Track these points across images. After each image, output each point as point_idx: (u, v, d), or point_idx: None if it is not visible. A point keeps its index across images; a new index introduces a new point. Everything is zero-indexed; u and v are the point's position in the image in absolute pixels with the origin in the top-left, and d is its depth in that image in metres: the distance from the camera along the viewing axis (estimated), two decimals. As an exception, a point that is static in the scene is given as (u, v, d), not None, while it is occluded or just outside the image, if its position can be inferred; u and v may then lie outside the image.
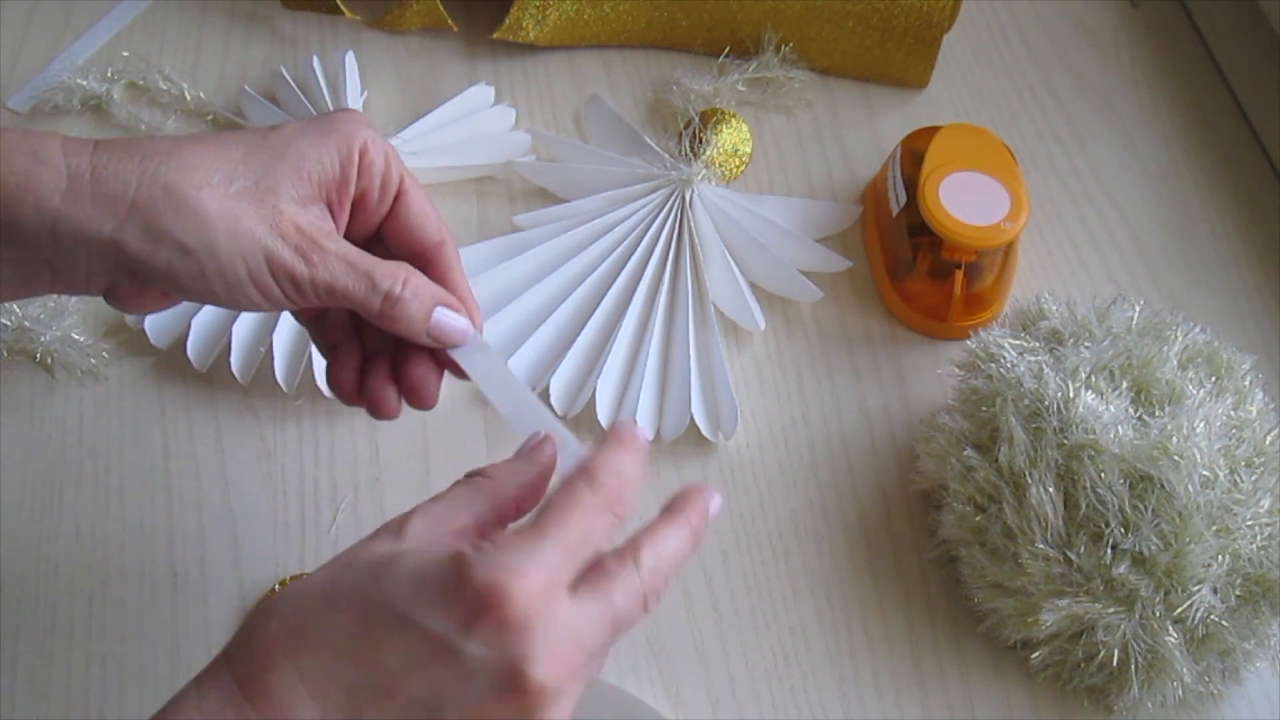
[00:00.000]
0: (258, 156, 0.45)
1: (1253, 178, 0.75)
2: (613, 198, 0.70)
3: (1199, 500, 0.52)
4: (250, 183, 0.45)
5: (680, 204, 0.70)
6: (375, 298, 0.46)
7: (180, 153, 0.44)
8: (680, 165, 0.71)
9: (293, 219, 0.45)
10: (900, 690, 0.57)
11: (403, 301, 0.46)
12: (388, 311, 0.46)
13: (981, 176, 0.66)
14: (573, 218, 0.70)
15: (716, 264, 0.68)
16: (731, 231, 0.69)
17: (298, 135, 0.46)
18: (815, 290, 0.67)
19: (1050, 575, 0.53)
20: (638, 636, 0.58)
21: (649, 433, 0.64)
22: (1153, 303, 0.68)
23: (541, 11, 0.76)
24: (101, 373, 0.65)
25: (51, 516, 0.60)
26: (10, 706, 0.55)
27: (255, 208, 0.44)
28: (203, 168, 0.44)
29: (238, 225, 0.44)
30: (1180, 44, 0.82)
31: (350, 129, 0.47)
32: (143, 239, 0.43)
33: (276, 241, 0.45)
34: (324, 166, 0.46)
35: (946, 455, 0.58)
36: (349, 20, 0.79)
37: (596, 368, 0.65)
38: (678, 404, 0.64)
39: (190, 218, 0.43)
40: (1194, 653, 0.53)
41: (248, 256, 0.44)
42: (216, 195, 0.44)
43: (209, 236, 0.44)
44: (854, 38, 0.76)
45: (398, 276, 0.46)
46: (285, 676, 0.38)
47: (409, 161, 0.70)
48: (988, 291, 0.68)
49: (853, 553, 0.61)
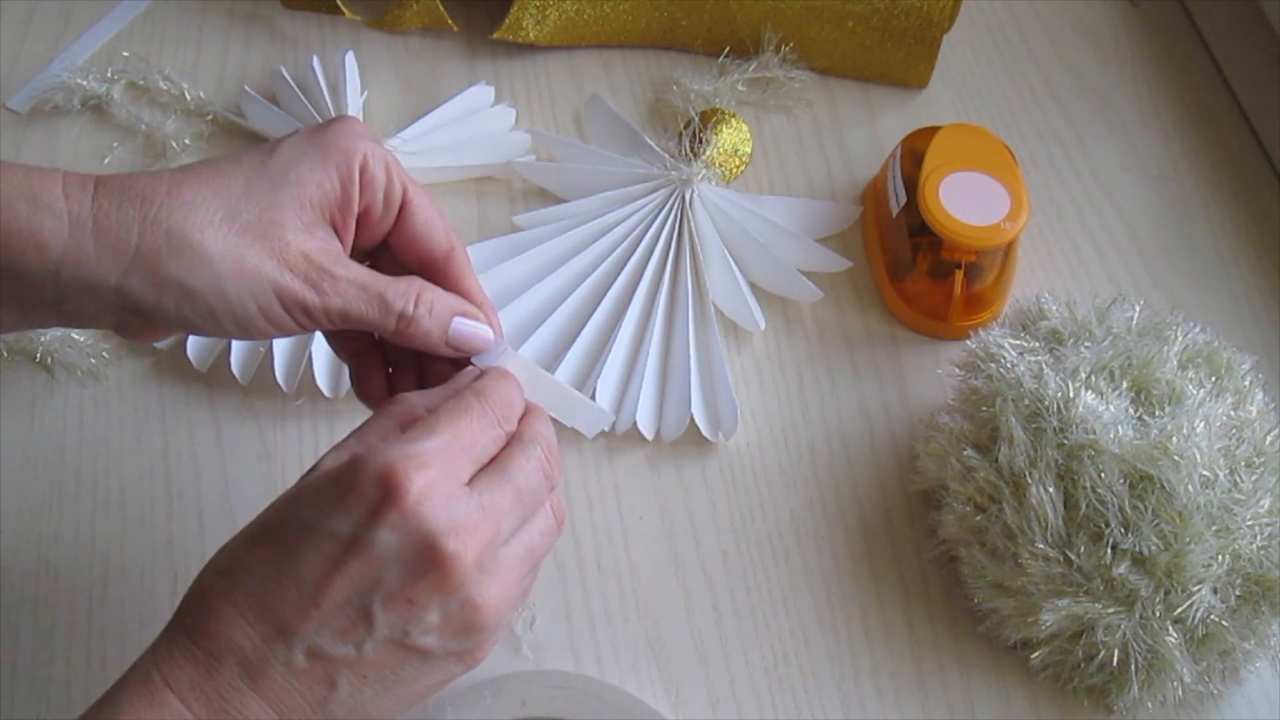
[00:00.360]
0: (258, 186, 0.45)
1: (1253, 178, 0.75)
2: (613, 198, 0.70)
3: (1199, 500, 0.52)
4: (253, 217, 0.44)
5: (680, 204, 0.70)
6: (390, 318, 0.46)
7: (180, 192, 0.44)
8: (680, 165, 0.71)
9: (299, 248, 0.45)
10: (900, 690, 0.57)
11: (418, 319, 0.47)
12: (404, 330, 0.47)
13: (981, 176, 0.66)
14: (573, 218, 0.70)
15: (716, 264, 0.68)
16: (731, 231, 0.69)
17: (297, 158, 0.46)
18: (815, 290, 0.67)
19: (1050, 575, 0.53)
20: (638, 636, 0.58)
21: (649, 433, 0.64)
22: (1153, 303, 0.68)
23: (541, 11, 0.76)
24: (101, 373, 0.65)
25: (51, 516, 0.60)
26: (10, 706, 0.55)
27: (261, 243, 0.44)
28: (204, 207, 0.44)
29: (244, 264, 0.44)
30: (1180, 44, 0.82)
31: (349, 144, 0.47)
32: (148, 286, 0.44)
33: (285, 275, 0.45)
34: (325, 189, 0.46)
35: (946, 455, 0.58)
36: (349, 20, 0.79)
37: (597, 368, 0.65)
38: (678, 404, 0.64)
39: (196, 262, 0.43)
40: (1194, 653, 0.53)
41: (257, 294, 0.44)
42: (220, 235, 0.44)
43: (216, 280, 0.44)
44: (854, 38, 0.76)
45: (410, 295, 0.46)
46: (223, 614, 0.41)
47: (408, 162, 0.70)
48: (988, 291, 0.68)
49: (853, 553, 0.61)
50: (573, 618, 0.59)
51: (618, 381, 0.65)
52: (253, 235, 0.44)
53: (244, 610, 0.41)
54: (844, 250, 0.71)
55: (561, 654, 0.58)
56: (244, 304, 0.44)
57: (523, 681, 0.54)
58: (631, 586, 0.60)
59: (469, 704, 0.53)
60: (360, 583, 0.40)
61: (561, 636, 0.58)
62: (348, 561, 0.40)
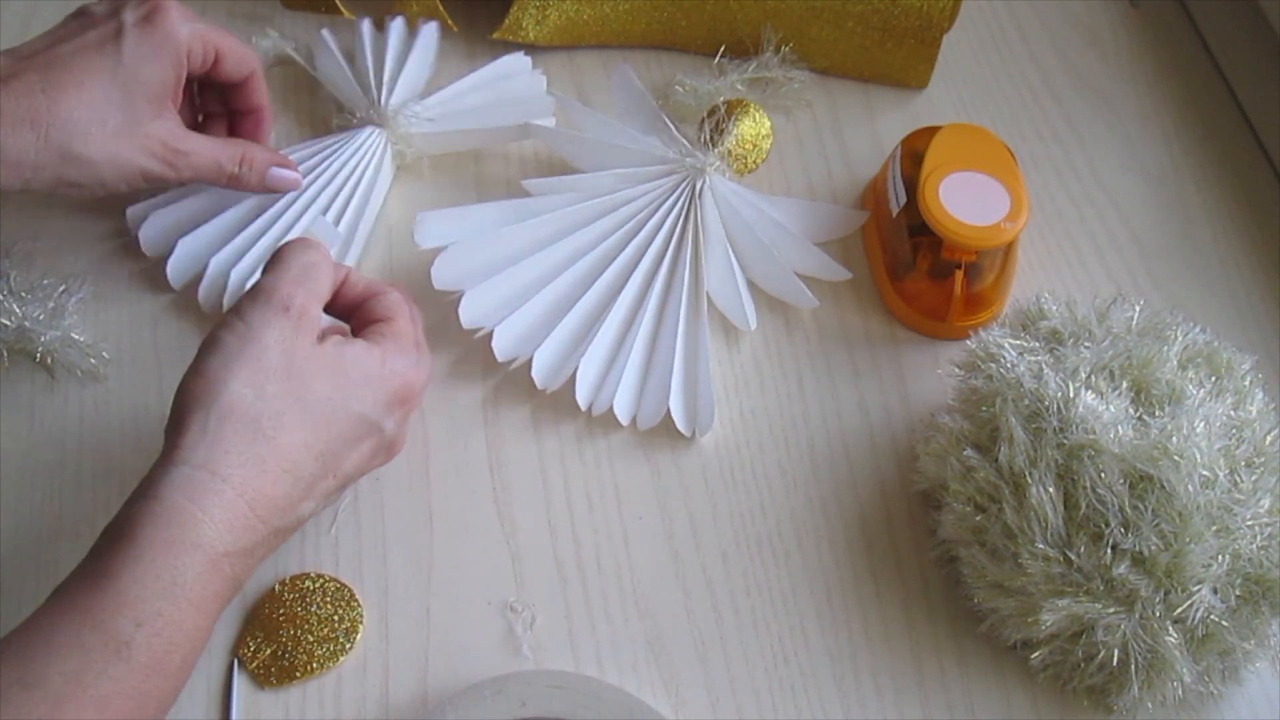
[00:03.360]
0: (115, 93, 0.60)
1: (1253, 178, 0.76)
2: (625, 176, 0.70)
3: (1199, 500, 0.52)
4: (118, 121, 0.60)
5: (690, 192, 0.69)
6: (223, 177, 0.64)
7: (58, 110, 0.58)
8: (696, 153, 0.70)
9: (156, 136, 0.61)
10: (900, 690, 0.57)
11: (243, 177, 0.65)
12: (234, 184, 0.65)
13: (981, 176, 0.66)
14: (582, 190, 0.69)
15: (717, 258, 0.68)
16: (737, 227, 0.69)
17: (140, 61, 0.60)
18: (812, 298, 0.67)
19: (1050, 575, 0.53)
20: (638, 636, 0.58)
21: (624, 418, 0.64)
22: (1153, 303, 0.68)
23: (541, 12, 0.76)
24: (101, 373, 0.65)
25: (51, 516, 0.60)
26: (10, 706, 0.55)
27: (127, 141, 0.60)
28: (80, 120, 0.59)
29: (118, 159, 0.60)
30: (1180, 44, 0.82)
31: (176, 38, 0.61)
32: (49, 183, 0.59)
33: (150, 160, 0.61)
34: (166, 82, 0.61)
35: (946, 455, 0.58)
36: (348, 20, 0.79)
37: (581, 346, 0.64)
38: (657, 393, 0.64)
39: (82, 165, 0.59)
40: (1194, 653, 0.53)
41: (129, 177, 0.61)
42: (96, 142, 0.59)
43: (98, 173, 0.60)
44: (854, 38, 0.76)
45: (236, 158, 0.64)
46: (280, 483, 0.51)
47: (423, 128, 0.71)
48: (988, 291, 0.68)
49: (853, 552, 0.61)
50: (573, 618, 0.59)
51: (602, 361, 0.65)
52: (120, 135, 0.60)
53: (297, 480, 0.52)
54: (844, 251, 0.71)
55: (561, 654, 0.58)
56: (118, 184, 0.61)
57: (523, 681, 0.54)
58: (631, 586, 0.60)
59: (469, 704, 0.53)
60: (360, 455, 0.56)
61: (561, 636, 0.58)
62: (372, 433, 0.55)
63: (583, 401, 0.63)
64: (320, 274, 0.56)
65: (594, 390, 0.64)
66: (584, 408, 0.63)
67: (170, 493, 0.48)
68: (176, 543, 0.47)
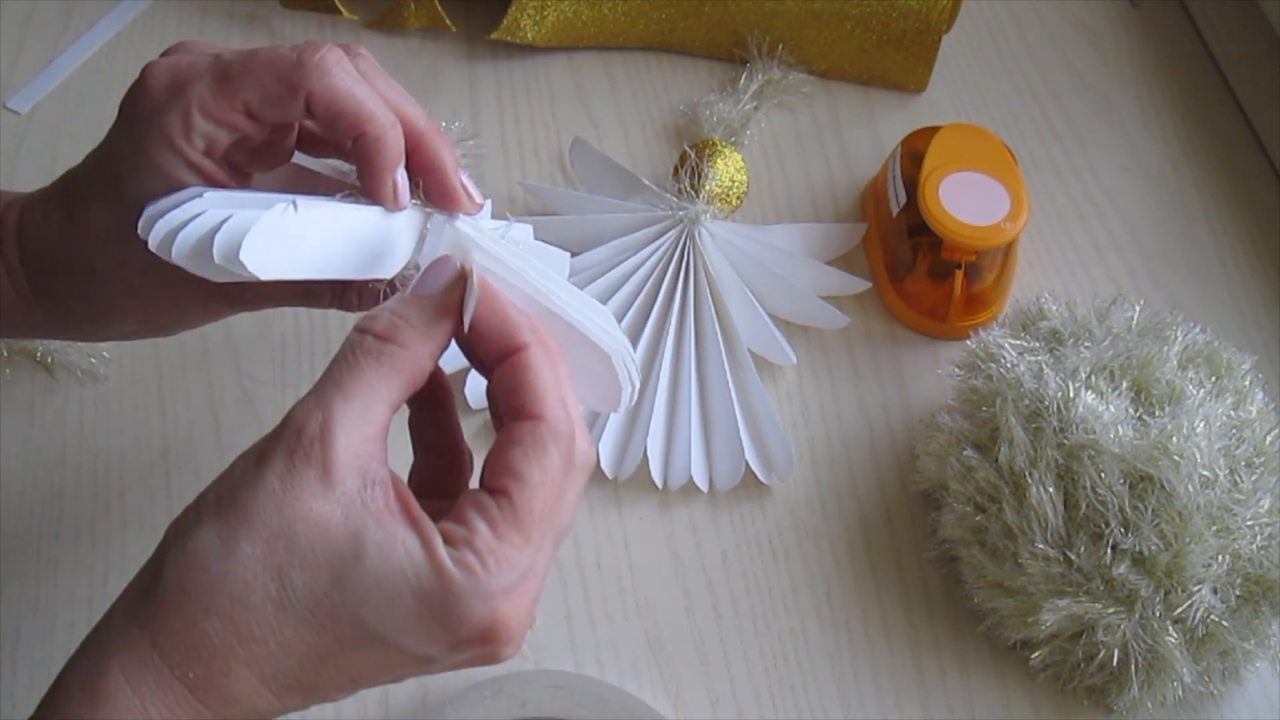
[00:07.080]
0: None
1: (1253, 178, 0.75)
2: (621, 246, 0.67)
3: (1199, 500, 0.52)
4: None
5: (691, 244, 0.67)
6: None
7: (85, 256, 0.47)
8: (685, 204, 0.68)
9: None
10: (900, 690, 0.57)
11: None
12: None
13: (981, 176, 0.66)
14: (583, 271, 0.67)
15: (736, 300, 0.66)
16: (747, 266, 0.67)
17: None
18: (841, 317, 0.66)
19: (1050, 575, 0.53)
20: (638, 636, 0.58)
21: (704, 485, 0.62)
22: (1153, 303, 0.68)
23: (540, 13, 0.76)
24: (101, 373, 0.65)
25: (51, 516, 0.60)
26: (10, 707, 0.55)
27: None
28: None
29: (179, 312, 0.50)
30: (1180, 44, 0.82)
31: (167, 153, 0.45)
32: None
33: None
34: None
35: (946, 455, 0.58)
36: (348, 21, 0.79)
37: (639, 425, 0.62)
38: (728, 451, 0.62)
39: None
40: (1194, 653, 0.53)
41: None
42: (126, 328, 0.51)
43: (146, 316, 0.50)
44: (852, 41, 0.76)
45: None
46: (242, 680, 0.37)
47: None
48: (988, 291, 0.68)
49: (853, 553, 0.61)
50: (573, 618, 0.59)
51: (663, 436, 0.63)
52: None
53: (270, 681, 0.37)
54: (845, 252, 0.71)
55: (561, 654, 0.58)
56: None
57: (523, 681, 0.54)
58: (631, 586, 0.60)
59: (469, 704, 0.53)
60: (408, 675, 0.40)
61: (561, 636, 0.58)
62: (410, 668, 0.39)
63: (659, 479, 0.62)
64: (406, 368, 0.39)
65: (664, 464, 0.62)
66: (660, 485, 0.62)
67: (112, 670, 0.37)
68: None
